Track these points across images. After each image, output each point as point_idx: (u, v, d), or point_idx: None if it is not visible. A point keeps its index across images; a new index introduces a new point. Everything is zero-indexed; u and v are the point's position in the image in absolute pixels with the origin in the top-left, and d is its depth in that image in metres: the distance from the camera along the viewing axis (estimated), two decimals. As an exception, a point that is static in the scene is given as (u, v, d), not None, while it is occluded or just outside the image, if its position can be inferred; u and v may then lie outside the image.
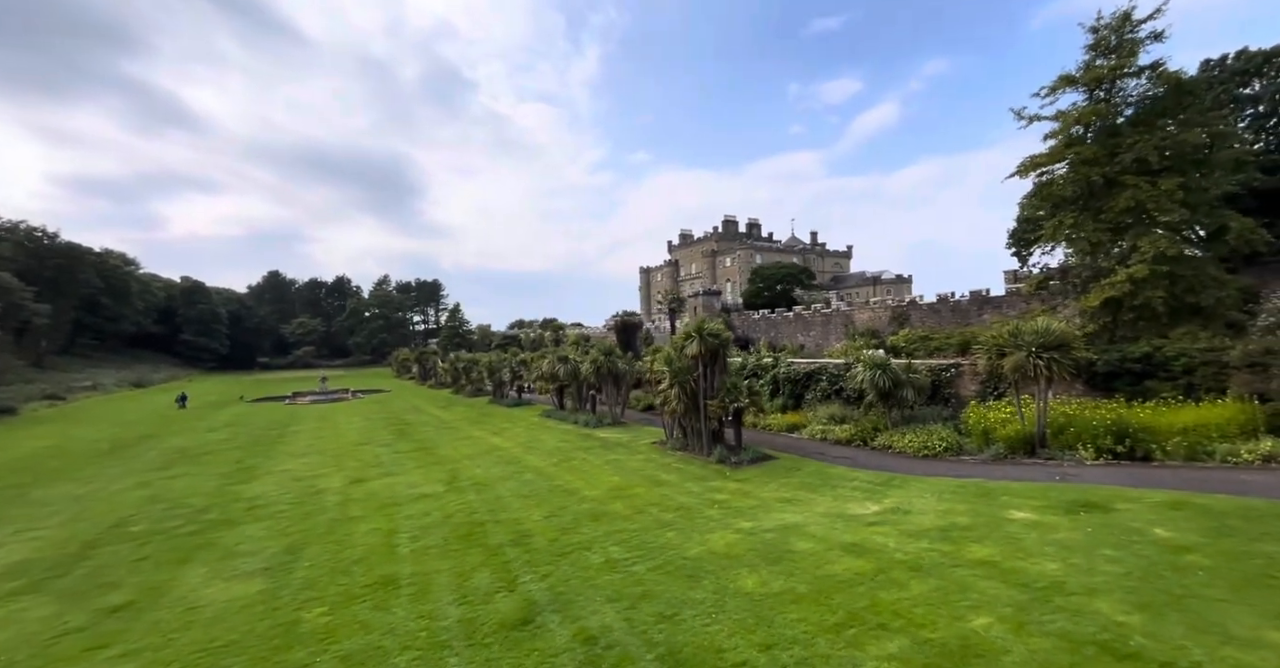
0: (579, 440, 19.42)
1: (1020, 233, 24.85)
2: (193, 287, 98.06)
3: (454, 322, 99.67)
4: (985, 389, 15.01)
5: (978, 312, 23.18)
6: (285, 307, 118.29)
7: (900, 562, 7.13)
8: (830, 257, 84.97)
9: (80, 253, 63.45)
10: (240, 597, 7.51)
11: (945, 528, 8.18)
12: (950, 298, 24.83)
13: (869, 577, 6.79)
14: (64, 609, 7.23)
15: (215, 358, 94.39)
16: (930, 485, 10.93)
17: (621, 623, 6.29)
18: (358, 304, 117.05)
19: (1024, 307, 21.13)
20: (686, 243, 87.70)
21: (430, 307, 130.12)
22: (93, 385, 47.11)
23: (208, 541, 9.93)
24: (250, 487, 14.21)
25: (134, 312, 77.58)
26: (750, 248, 76.08)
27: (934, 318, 25.10)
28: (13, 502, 13.04)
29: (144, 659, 5.95)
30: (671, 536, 9.25)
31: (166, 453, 19.83)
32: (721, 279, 76.62)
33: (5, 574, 8.52)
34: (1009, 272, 26.17)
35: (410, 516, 11.18)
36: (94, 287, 65.26)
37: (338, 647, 6.14)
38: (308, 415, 31.86)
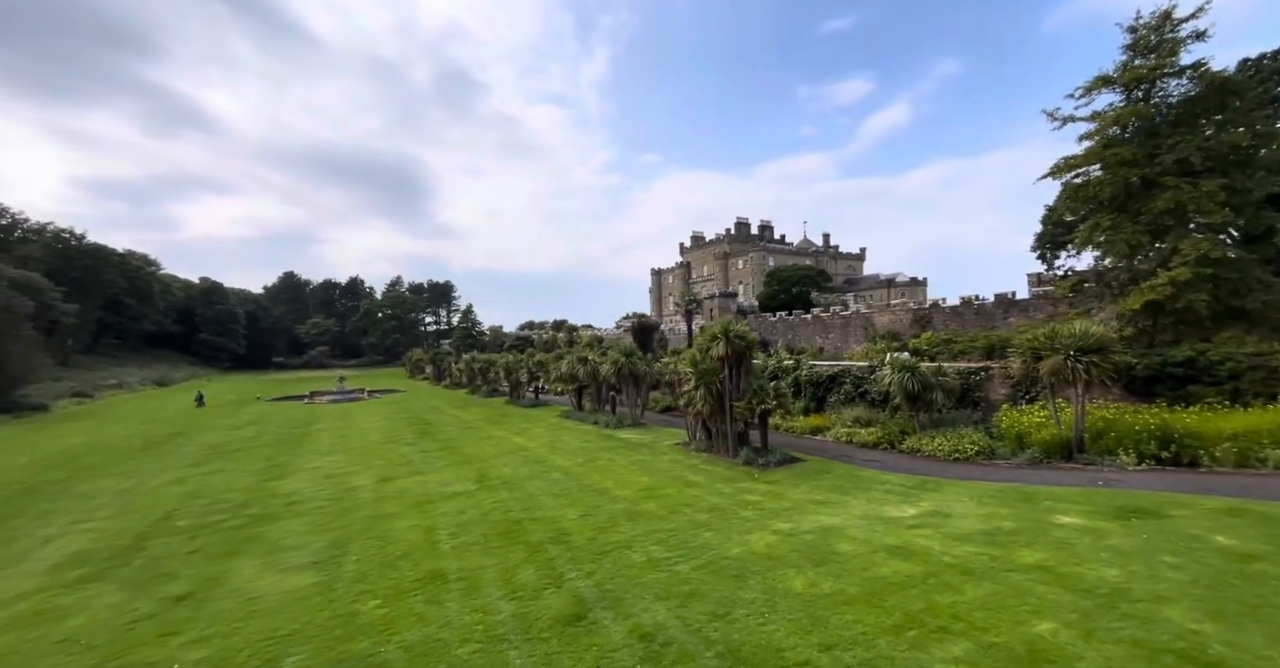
0: (601, 441, 19.50)
1: (1048, 235, 24.61)
2: (211, 287, 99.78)
3: (466, 323, 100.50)
4: (1016, 393, 14.90)
5: (1003, 315, 22.95)
6: (300, 307, 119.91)
7: (949, 565, 7.13)
8: (843, 259, 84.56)
9: (105, 254, 64.88)
10: (295, 589, 7.69)
11: (990, 532, 8.16)
12: (974, 301, 24.62)
13: (920, 580, 6.80)
14: (131, 597, 7.45)
15: (232, 357, 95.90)
16: (966, 489, 10.89)
17: (674, 621, 6.35)
18: (371, 305, 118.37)
19: (1051, 310, 20.89)
20: (699, 245, 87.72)
21: (442, 308, 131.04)
22: (118, 384, 48.09)
23: (253, 535, 10.15)
24: (284, 483, 14.46)
25: (155, 311, 79.14)
26: (763, 250, 75.94)
27: (957, 321, 24.89)
28: (60, 496, 13.39)
29: (215, 646, 6.12)
30: (709, 536, 9.31)
31: (198, 450, 20.22)
32: (734, 281, 76.50)
33: (69, 563, 8.79)
34: (1033, 274, 25.92)
35: (446, 513, 11.33)
36: (118, 287, 66.67)
37: (398, 638, 6.27)
38: (328, 415, 32.26)
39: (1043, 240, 25.32)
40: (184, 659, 5.90)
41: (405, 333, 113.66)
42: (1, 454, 19.56)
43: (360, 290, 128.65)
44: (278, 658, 5.89)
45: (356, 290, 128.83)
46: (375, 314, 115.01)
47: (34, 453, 19.72)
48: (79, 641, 6.31)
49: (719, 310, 40.12)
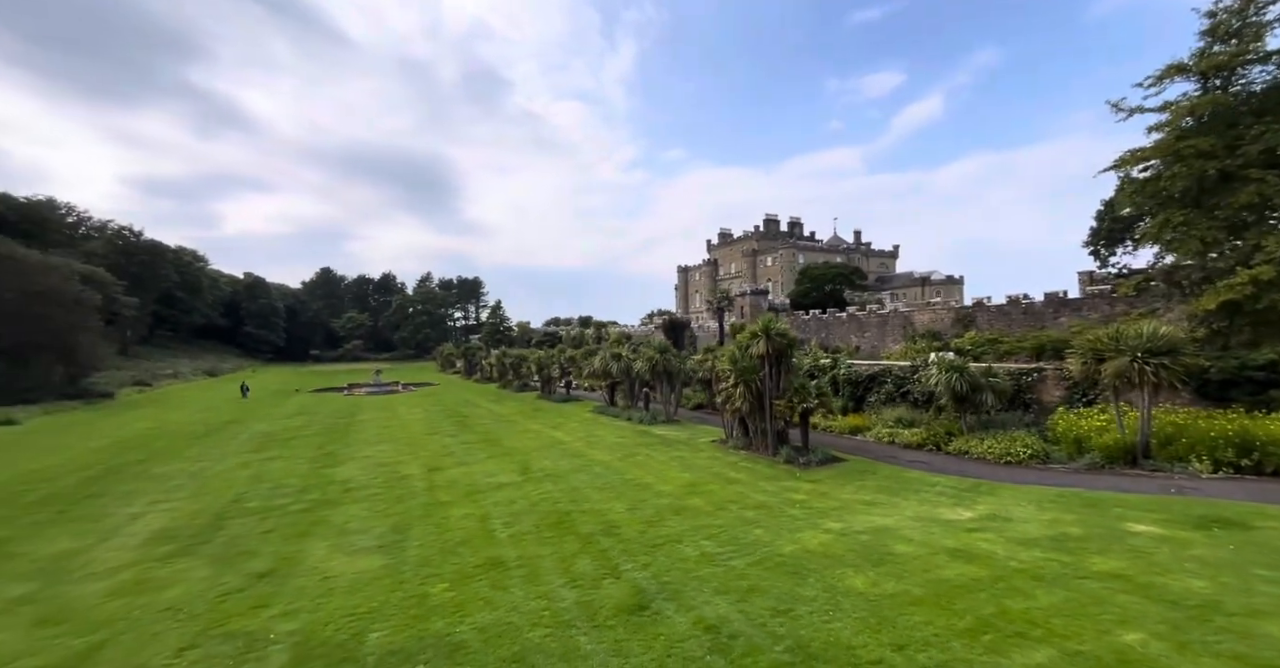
0: (637, 437, 19.65)
1: (1103, 232, 23.51)
2: (254, 282, 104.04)
3: (495, 318, 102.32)
4: (1072, 395, 14.39)
5: (1053, 315, 22.06)
6: (335, 302, 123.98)
7: (1018, 570, 7.01)
8: (875, 256, 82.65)
9: (161, 250, 68.42)
10: (366, 570, 8.06)
11: (1057, 538, 7.97)
12: (1022, 300, 23.74)
13: (987, 584, 6.71)
14: (218, 572, 7.96)
15: (273, 350, 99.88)
16: (1023, 493, 10.62)
17: (737, 615, 6.43)
18: (403, 300, 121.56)
19: (1108, 310, 19.99)
20: (726, 242, 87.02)
21: (470, 303, 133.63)
22: (173, 373, 50.76)
23: (319, 518, 10.65)
24: (339, 471, 15.09)
25: (204, 305, 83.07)
26: (793, 247, 74.85)
27: (1003, 320, 24.05)
28: (139, 477, 14.30)
29: (303, 620, 6.50)
30: (760, 533, 9.34)
31: (254, 437, 21.24)
32: (762, 279, 75.63)
33: (158, 539, 9.42)
34: (1084, 273, 24.82)
35: (497, 503, 11.65)
36: (172, 281, 70.22)
37: (471, 620, 6.53)
38: (369, 406, 33.36)
39: (1097, 237, 24.17)
40: (277, 630, 6.28)
41: (435, 328, 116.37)
42: (82, 438, 20.96)
43: (392, 286, 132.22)
44: (362, 633, 6.22)
45: (389, 286, 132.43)
46: (407, 309, 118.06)
47: (109, 437, 21.06)
48: (181, 610, 6.79)
49: (750, 308, 39.77)
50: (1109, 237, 23.53)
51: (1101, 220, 24.33)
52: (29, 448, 18.86)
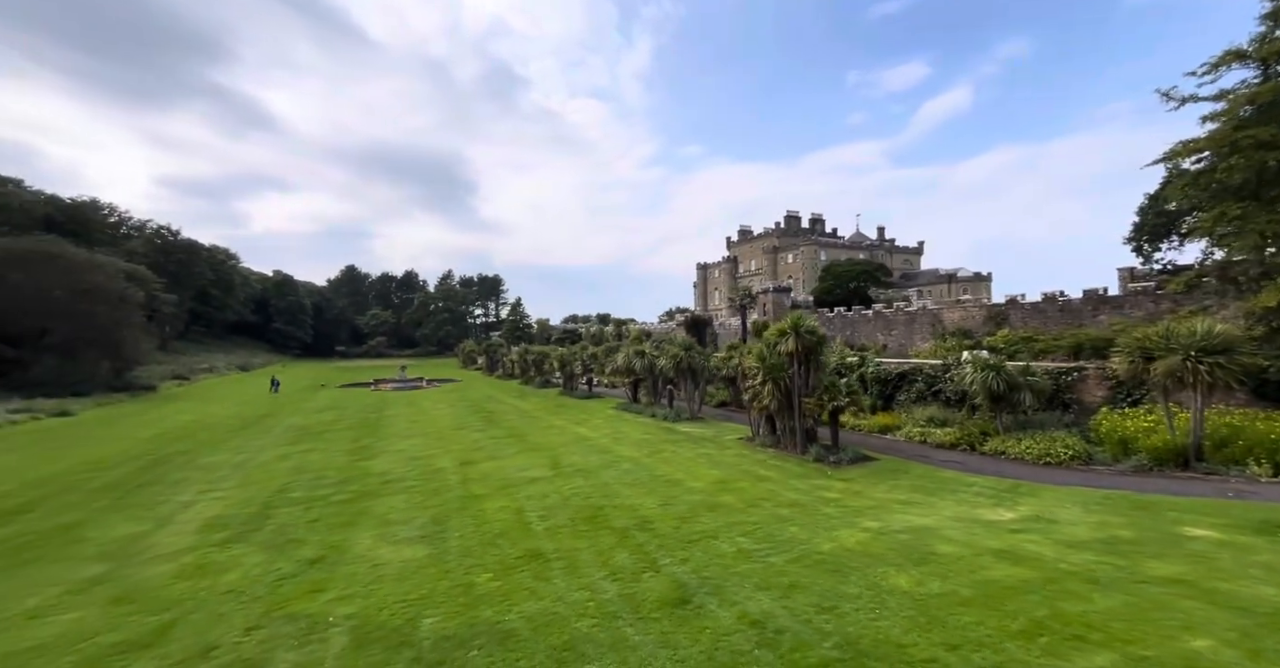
0: (662, 434, 19.71)
1: (1147, 226, 22.61)
2: (282, 280, 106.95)
3: (515, 316, 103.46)
4: (1116, 395, 13.96)
5: (1092, 312, 21.35)
6: (359, 299, 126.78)
7: (1069, 573, 6.87)
8: (900, 253, 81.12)
9: (197, 248, 70.90)
10: (411, 559, 8.29)
11: (1108, 541, 7.78)
12: (1059, 297, 23.04)
13: (1038, 586, 6.59)
14: (272, 558, 8.28)
15: (301, 345, 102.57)
16: (1067, 495, 10.38)
17: (781, 611, 6.44)
18: (425, 298, 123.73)
19: (1152, 307, 19.27)
20: (746, 239, 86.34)
21: (490, 301, 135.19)
22: (209, 368, 52.62)
23: (362, 509, 10.97)
24: (375, 463, 15.48)
25: (236, 302, 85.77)
26: (815, 244, 73.90)
27: (1038, 318, 23.38)
28: (187, 466, 14.92)
29: (358, 604, 6.74)
30: (795, 530, 9.32)
31: (289, 430, 21.91)
32: (783, 276, 74.82)
33: (212, 526, 9.84)
34: (1125, 269, 23.91)
35: (530, 496, 11.83)
36: (206, 279, 72.69)
37: (518, 609, 6.67)
38: (396, 401, 34.07)
39: (1140, 232, 23.23)
40: (335, 613, 6.52)
41: (456, 325, 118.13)
42: (131, 429, 21.93)
43: (415, 283, 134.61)
44: (416, 619, 6.41)
45: (411, 283, 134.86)
46: (429, 307, 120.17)
47: (155, 428, 21.98)
48: (242, 592, 7.09)
49: (772, 306, 39.44)
50: (1153, 232, 22.63)
51: (1145, 214, 23.40)
52: (85, 438, 19.81)
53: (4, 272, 27.81)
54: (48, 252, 29.90)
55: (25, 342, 29.06)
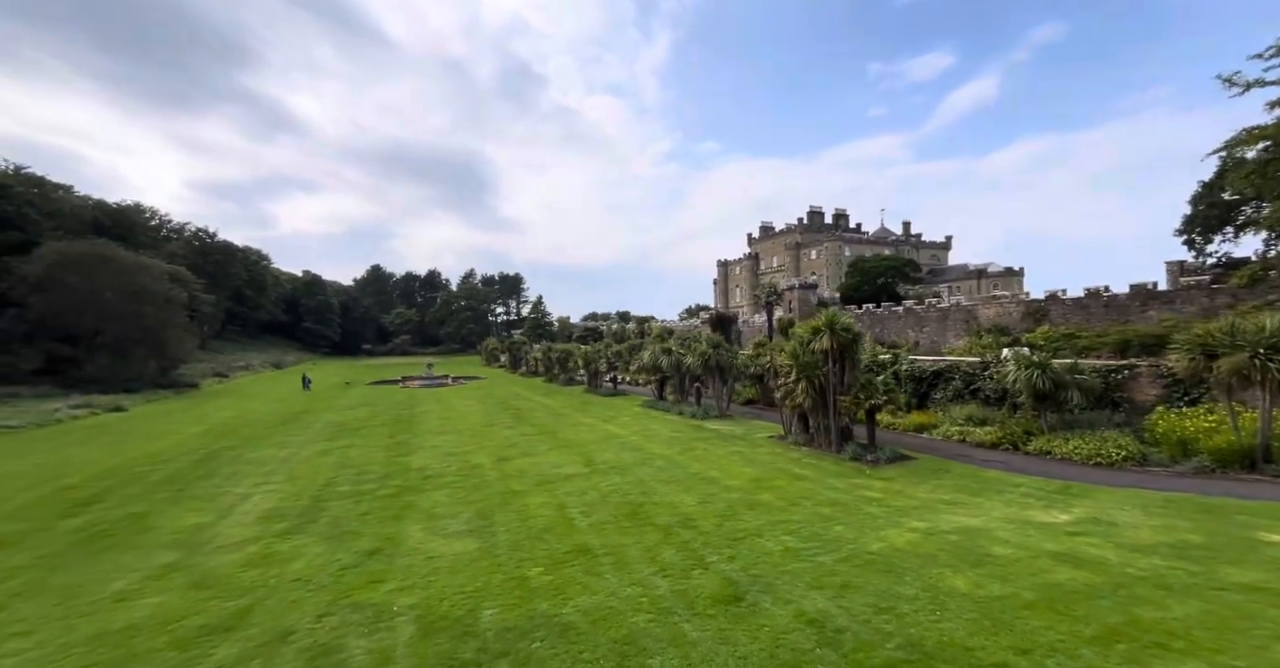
0: (692, 432, 19.70)
1: (1199, 218, 21.57)
2: (312, 280, 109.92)
3: (536, 313, 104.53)
4: (1171, 394, 13.44)
5: (1140, 308, 20.52)
6: (385, 298, 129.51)
7: (1138, 578, 6.68)
8: (926, 248, 79.33)
9: (233, 250, 73.35)
10: (463, 552, 8.49)
11: (1176, 546, 7.53)
12: (1103, 292, 22.20)
13: (1106, 591, 6.42)
14: (331, 549, 8.58)
15: (329, 344, 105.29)
16: (1124, 497, 10.07)
17: (837, 610, 6.41)
18: (448, 296, 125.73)
19: (1206, 303, 18.42)
20: (767, 235, 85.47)
21: (511, 299, 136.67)
22: (245, 366, 54.48)
23: (407, 503, 11.26)
24: (413, 459, 15.85)
25: (268, 302, 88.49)
26: (839, 240, 72.78)
27: (1080, 314, 22.59)
28: (237, 461, 15.51)
29: (418, 595, 6.95)
30: (840, 529, 9.25)
31: (327, 426, 22.56)
32: (806, 272, 73.87)
33: (270, 518, 10.24)
34: (1174, 262, 22.89)
35: (569, 493, 11.97)
36: (241, 279, 75.14)
37: (573, 603, 6.79)
38: (425, 398, 34.74)
39: (1192, 223, 22.16)
40: (399, 603, 6.75)
41: (479, 323, 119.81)
42: (180, 424, 22.88)
43: (437, 282, 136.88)
44: (476, 609, 6.58)
45: (434, 282, 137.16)
46: (452, 305, 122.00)
47: (202, 424, 22.89)
48: (308, 581, 7.37)
49: (798, 302, 39.00)
50: (1205, 223, 21.60)
51: (1197, 205, 22.33)
52: (140, 433, 20.76)
53: (61, 274, 29.29)
54: (100, 254, 31.34)
55: (80, 341, 30.55)
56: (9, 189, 33.66)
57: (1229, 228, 21.10)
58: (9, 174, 37.94)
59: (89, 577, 7.57)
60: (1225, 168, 20.52)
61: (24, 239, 32.16)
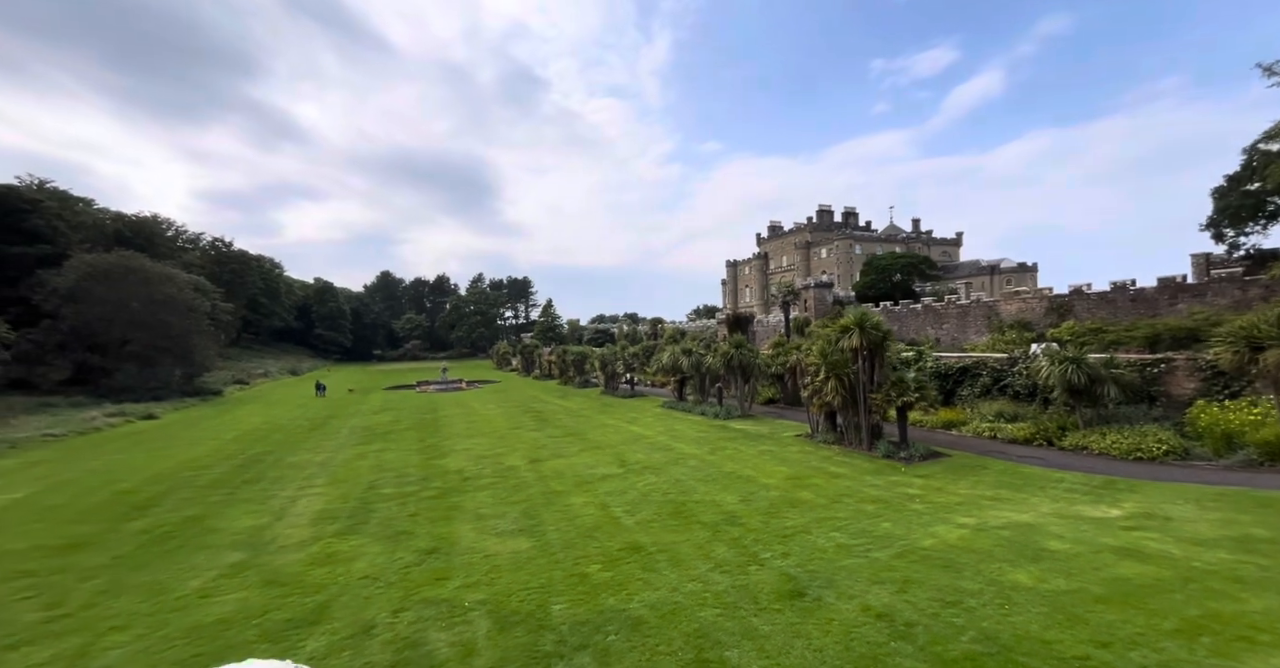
0: (717, 432, 19.76)
1: (1230, 208, 21.29)
2: (323, 287, 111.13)
3: (547, 317, 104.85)
4: (1211, 387, 13.35)
5: (1169, 301, 20.33)
6: (394, 304, 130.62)
7: (1208, 572, 6.69)
8: (937, 245, 78.83)
9: (249, 259, 74.34)
10: (519, 551, 8.64)
11: (1240, 539, 7.54)
12: (1130, 286, 22.04)
13: (1176, 585, 6.44)
14: (389, 548, 8.78)
15: (341, 350, 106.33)
16: (1173, 491, 10.05)
17: (903, 605, 6.47)
18: (458, 301, 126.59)
19: (1239, 295, 18.23)
20: (776, 235, 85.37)
21: (520, 303, 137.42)
22: (264, 373, 55.20)
23: (452, 504, 11.45)
24: (448, 462, 16.05)
25: (282, 309, 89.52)
26: (849, 238, 72.55)
27: (1106, 309, 22.41)
28: (278, 465, 15.81)
29: (485, 591, 7.10)
30: (888, 526, 9.30)
31: (355, 431, 22.86)
32: (816, 271, 73.66)
33: (323, 519, 10.48)
34: (1200, 255, 22.66)
35: (609, 492, 12.10)
36: (257, 287, 76.13)
37: (638, 598, 6.91)
38: (444, 403, 35.02)
39: (1222, 215, 21.88)
40: (469, 598, 6.91)
41: (488, 327, 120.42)
42: (213, 431, 23.29)
43: (446, 287, 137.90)
44: (545, 605, 6.72)
45: (443, 287, 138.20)
46: (462, 310, 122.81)
47: (234, 430, 23.28)
48: (376, 578, 7.56)
49: (814, 302, 38.98)
50: (1234, 215, 21.36)
51: (1224, 197, 22.07)
52: (176, 439, 21.16)
53: (91, 286, 29.92)
54: (128, 266, 31.99)
55: (109, 350, 31.16)
56: (40, 204, 34.45)
57: (1260, 219, 20.87)
58: (36, 189, 38.83)
59: (167, 575, 7.81)
60: (1252, 160, 20.32)
61: (54, 252, 32.90)
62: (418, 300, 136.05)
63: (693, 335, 56.38)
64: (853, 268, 69.88)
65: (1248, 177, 20.88)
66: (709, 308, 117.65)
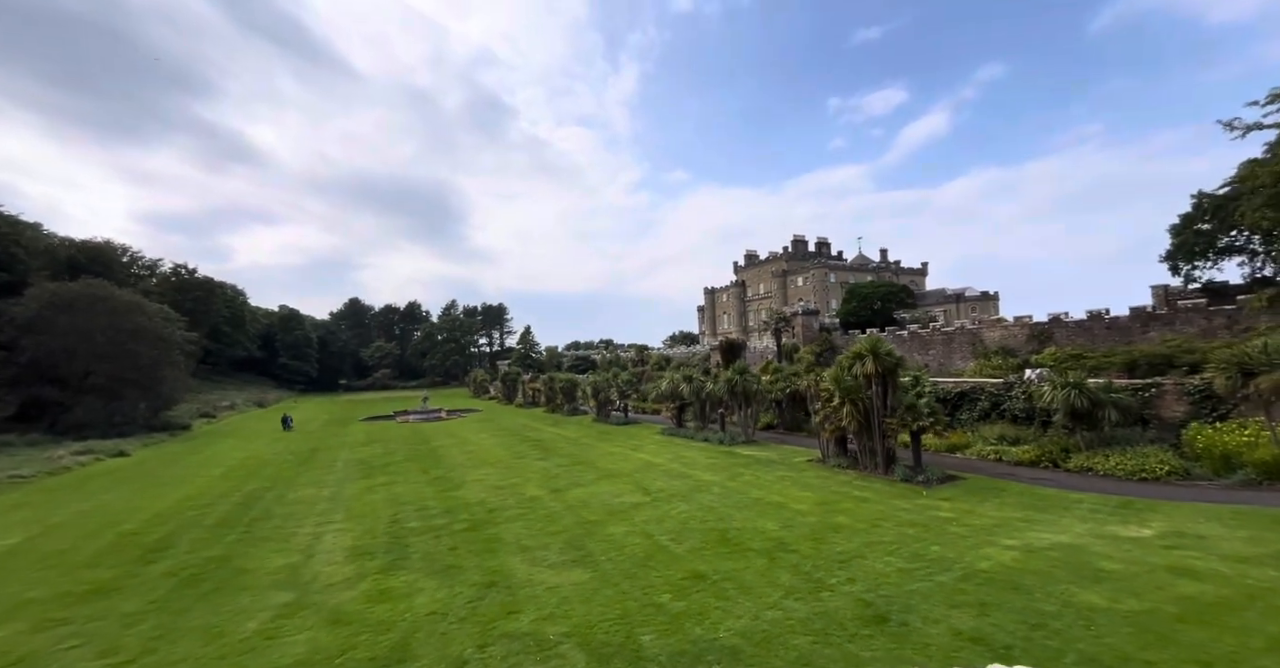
0: (727, 458, 19.80)
1: (1188, 244, 23.57)
2: (289, 315, 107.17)
3: (524, 344, 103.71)
4: (1199, 411, 14.37)
5: (1141, 329, 22.02)
6: (363, 332, 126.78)
7: (1267, 589, 7.06)
8: (905, 274, 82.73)
9: (212, 286, 71.30)
10: (581, 582, 8.42)
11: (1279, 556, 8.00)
12: (1105, 315, 23.78)
13: (1242, 602, 6.75)
14: (443, 584, 8.42)
15: (306, 380, 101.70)
16: (1192, 511, 10.68)
17: (990, 628, 6.59)
18: (430, 328, 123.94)
19: (1204, 324, 19.97)
20: (753, 263, 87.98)
21: (495, 329, 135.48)
22: (230, 405, 52.22)
23: (489, 536, 11.06)
24: (464, 494, 15.50)
25: (245, 338, 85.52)
26: (824, 267, 75.44)
27: (1084, 336, 24.03)
28: (282, 501, 14.92)
29: (565, 624, 6.91)
30: (938, 549, 9.49)
31: (350, 464, 21.83)
32: (793, 299, 75.90)
33: (360, 555, 9.96)
34: (1159, 286, 24.84)
35: (647, 521, 11.94)
36: (221, 316, 72.80)
37: (724, 626, 6.85)
38: (432, 433, 33.84)
39: (1179, 250, 24.21)
40: (552, 631, 6.70)
41: (462, 354, 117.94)
42: (197, 468, 21.78)
43: (417, 314, 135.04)
44: (632, 636, 6.58)
45: (414, 314, 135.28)
46: (435, 337, 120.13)
47: (218, 467, 21.84)
48: (444, 614, 7.25)
49: (802, 328, 40.11)
50: (1191, 250, 23.63)
51: (1179, 234, 24.46)
52: (161, 478, 19.67)
53: (53, 315, 28.05)
54: (95, 295, 30.22)
55: (69, 384, 29.00)
56: (-3, 228, 32.49)
57: (1210, 255, 23.18)
58: (-8, 213, 36.64)
59: (217, 618, 7.28)
60: (1201, 202, 22.68)
61: (12, 280, 30.84)
62: (387, 328, 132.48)
63: (678, 362, 56.79)
64: (828, 295, 72.43)
65: (1199, 217, 23.37)
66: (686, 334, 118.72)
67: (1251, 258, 21.03)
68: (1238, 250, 21.78)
